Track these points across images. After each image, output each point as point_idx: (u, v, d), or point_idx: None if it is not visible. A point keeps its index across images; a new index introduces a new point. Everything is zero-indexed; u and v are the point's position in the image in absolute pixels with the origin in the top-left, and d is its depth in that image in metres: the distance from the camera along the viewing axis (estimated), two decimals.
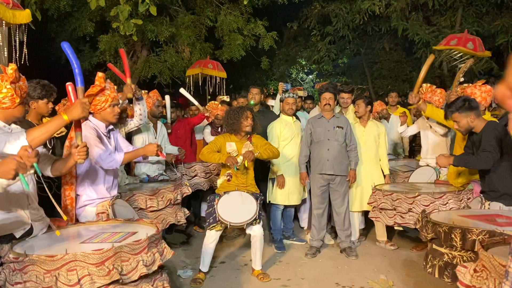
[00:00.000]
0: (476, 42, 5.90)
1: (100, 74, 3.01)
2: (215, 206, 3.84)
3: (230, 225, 3.84)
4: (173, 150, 5.03)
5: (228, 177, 4.06)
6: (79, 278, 2.00)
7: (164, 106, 5.32)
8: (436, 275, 2.76)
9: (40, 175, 2.05)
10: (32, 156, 1.88)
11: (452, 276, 2.63)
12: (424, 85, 4.84)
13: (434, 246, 2.86)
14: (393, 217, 4.13)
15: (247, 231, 4.00)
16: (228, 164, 3.89)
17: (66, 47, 2.41)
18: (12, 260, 2.09)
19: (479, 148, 3.34)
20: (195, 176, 5.22)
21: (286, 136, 4.88)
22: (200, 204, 5.90)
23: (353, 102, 5.12)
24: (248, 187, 4.12)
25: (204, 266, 4.05)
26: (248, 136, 4.15)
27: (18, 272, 2.07)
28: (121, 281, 2.10)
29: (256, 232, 3.98)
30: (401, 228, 4.35)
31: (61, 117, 2.28)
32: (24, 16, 3.80)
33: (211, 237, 3.98)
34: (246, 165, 3.96)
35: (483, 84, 4.04)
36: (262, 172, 4.93)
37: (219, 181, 4.13)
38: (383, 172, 5.00)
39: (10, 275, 2.10)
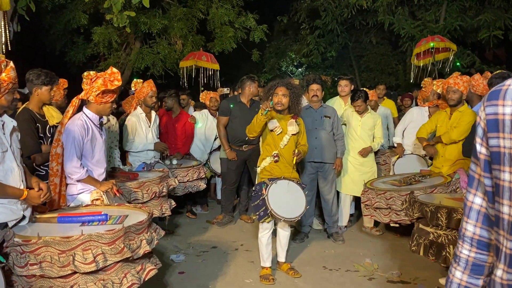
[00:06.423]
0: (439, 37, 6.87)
1: None
2: (266, 199, 3.49)
3: (284, 220, 3.55)
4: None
5: (276, 158, 3.68)
6: (94, 256, 2.10)
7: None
8: (421, 253, 2.88)
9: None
10: None
11: (436, 254, 2.76)
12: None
13: (421, 226, 2.96)
14: (388, 215, 4.12)
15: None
16: (262, 107, 3.54)
17: None
18: (21, 243, 2.13)
19: None
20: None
21: None
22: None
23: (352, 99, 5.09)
24: (293, 173, 3.84)
25: (264, 261, 3.79)
26: (293, 114, 3.83)
27: (29, 254, 2.11)
28: (131, 258, 2.23)
29: (287, 226, 3.88)
30: (397, 225, 4.28)
31: (23, 193, 2.36)
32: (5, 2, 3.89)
33: (265, 228, 3.74)
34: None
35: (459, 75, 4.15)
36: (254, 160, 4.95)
37: (263, 164, 3.76)
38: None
39: (18, 257, 2.13)
